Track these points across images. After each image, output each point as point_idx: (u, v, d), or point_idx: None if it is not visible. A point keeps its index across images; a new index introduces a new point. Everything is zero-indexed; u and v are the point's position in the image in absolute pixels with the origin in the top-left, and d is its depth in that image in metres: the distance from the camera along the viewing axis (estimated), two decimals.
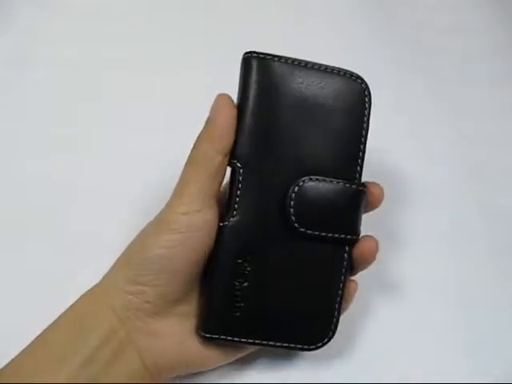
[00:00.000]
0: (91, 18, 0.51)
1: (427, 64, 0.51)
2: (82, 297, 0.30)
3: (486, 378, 0.37)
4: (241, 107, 0.31)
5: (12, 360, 0.28)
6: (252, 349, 0.34)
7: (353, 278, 0.34)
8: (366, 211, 0.34)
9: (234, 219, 0.31)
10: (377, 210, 0.34)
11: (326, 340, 0.32)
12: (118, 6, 0.52)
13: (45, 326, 0.29)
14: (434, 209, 0.44)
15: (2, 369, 0.28)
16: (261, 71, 0.31)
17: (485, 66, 0.51)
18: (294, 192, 0.31)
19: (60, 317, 0.30)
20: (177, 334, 0.31)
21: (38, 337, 0.29)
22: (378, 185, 0.34)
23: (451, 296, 0.40)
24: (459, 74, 0.50)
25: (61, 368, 0.27)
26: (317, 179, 0.31)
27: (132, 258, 0.30)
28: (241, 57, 0.32)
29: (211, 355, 0.32)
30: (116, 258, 0.31)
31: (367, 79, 0.32)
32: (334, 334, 0.32)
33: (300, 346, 0.32)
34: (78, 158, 0.44)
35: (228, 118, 0.31)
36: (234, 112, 0.31)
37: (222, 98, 0.31)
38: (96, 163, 0.44)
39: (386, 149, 0.45)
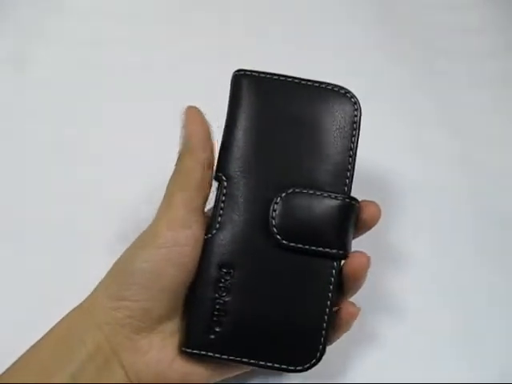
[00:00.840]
0: (91, 17, 0.51)
1: (427, 64, 0.51)
2: (71, 311, 0.30)
3: (485, 378, 0.37)
4: (229, 122, 0.32)
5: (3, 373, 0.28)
6: (240, 370, 0.32)
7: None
8: (363, 231, 0.33)
9: (217, 232, 0.31)
10: None
11: (313, 361, 0.30)
12: (118, 6, 0.52)
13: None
14: (434, 209, 0.44)
15: None
16: (250, 88, 0.32)
17: (485, 66, 0.51)
18: (276, 203, 0.31)
19: (50, 330, 0.29)
20: (161, 350, 0.30)
21: (27, 351, 0.29)
22: (373, 203, 0.32)
23: (450, 296, 0.40)
24: (460, 74, 0.50)
25: (49, 380, 0.27)
26: (301, 191, 0.31)
27: (116, 272, 0.30)
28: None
29: (195, 374, 0.31)
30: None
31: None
32: (322, 354, 0.30)
33: (285, 367, 0.30)
34: (78, 157, 0.44)
35: (202, 129, 0.31)
36: (206, 123, 0.32)
37: (191, 110, 0.32)
38: (96, 163, 0.44)
39: (385, 149, 0.45)
